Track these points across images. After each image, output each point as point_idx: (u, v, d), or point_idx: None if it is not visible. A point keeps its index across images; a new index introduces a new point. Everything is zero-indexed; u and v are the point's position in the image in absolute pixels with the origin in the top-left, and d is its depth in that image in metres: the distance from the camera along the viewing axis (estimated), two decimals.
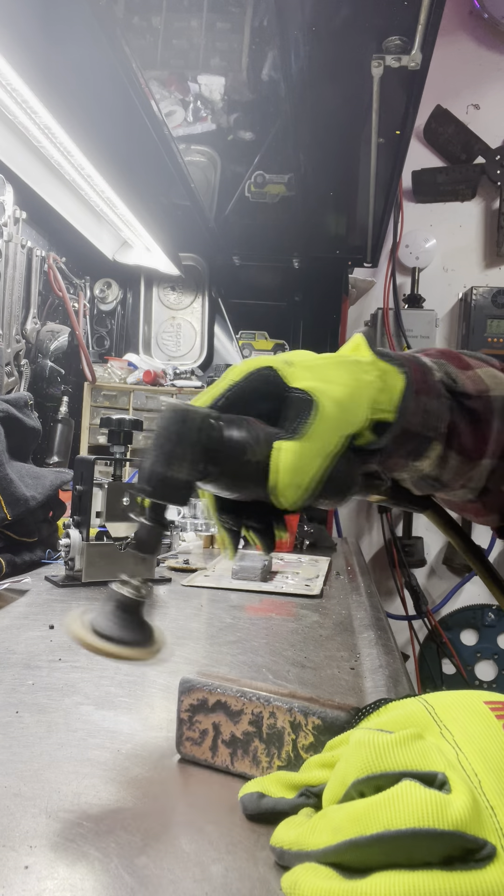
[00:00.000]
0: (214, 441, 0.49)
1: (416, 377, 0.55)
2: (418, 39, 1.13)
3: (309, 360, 0.52)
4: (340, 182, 1.82)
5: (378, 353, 0.55)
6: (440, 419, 0.56)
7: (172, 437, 0.49)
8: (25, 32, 1.09)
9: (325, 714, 0.46)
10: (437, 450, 0.57)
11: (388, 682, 0.74)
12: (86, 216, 1.97)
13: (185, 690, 0.51)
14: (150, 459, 0.49)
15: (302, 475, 0.49)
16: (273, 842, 0.39)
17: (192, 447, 0.48)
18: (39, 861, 0.38)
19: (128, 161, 1.63)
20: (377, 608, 1.15)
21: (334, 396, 0.50)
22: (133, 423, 1.25)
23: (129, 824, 0.43)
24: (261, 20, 1.16)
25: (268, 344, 2.43)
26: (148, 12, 1.16)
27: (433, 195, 2.72)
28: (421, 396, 0.55)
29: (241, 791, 0.45)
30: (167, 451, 0.48)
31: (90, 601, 1.04)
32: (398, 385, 0.54)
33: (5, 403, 1.33)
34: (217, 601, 1.12)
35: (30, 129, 1.42)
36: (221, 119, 1.49)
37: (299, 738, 0.46)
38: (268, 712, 0.48)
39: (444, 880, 0.31)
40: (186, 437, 0.49)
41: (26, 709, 0.61)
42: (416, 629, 2.68)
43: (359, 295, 2.71)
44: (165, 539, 1.50)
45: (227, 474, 0.50)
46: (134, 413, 2.12)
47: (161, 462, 0.48)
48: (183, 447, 0.48)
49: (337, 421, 0.50)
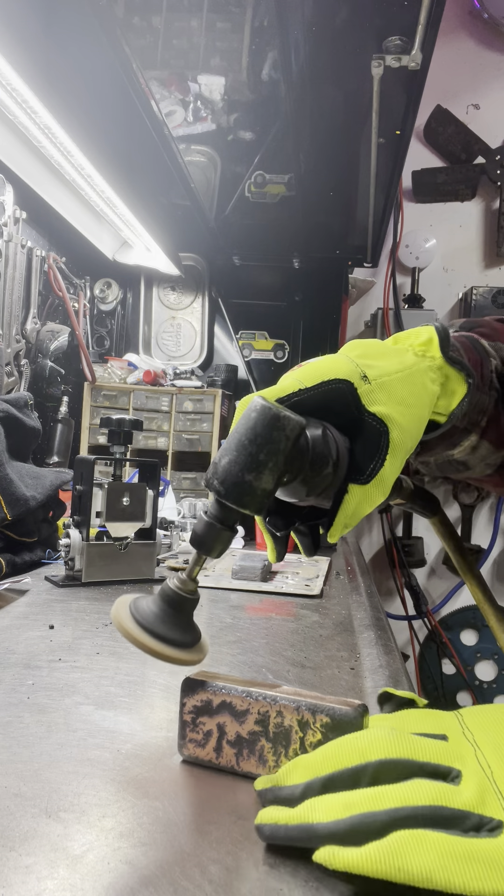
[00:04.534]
0: (301, 451, 0.47)
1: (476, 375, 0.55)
2: (418, 39, 1.13)
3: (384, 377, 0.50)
4: (340, 182, 1.82)
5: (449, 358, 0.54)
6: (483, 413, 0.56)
7: (260, 440, 0.45)
8: (26, 32, 1.09)
9: (333, 711, 0.46)
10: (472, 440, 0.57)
11: (389, 682, 0.74)
12: (86, 216, 1.97)
13: (187, 692, 0.51)
14: (230, 458, 0.45)
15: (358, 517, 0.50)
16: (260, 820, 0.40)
17: (280, 456, 0.45)
18: (39, 861, 0.38)
19: (128, 161, 1.63)
20: (377, 608, 1.15)
21: (403, 424, 0.49)
22: (133, 423, 1.25)
23: (129, 824, 0.42)
24: (261, 20, 1.16)
25: (268, 344, 2.43)
26: (148, 12, 1.16)
27: (433, 195, 2.72)
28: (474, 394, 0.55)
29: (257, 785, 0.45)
30: (251, 455, 0.45)
31: (90, 601, 1.04)
32: (460, 392, 0.54)
33: (5, 403, 1.33)
34: (217, 601, 1.12)
35: (30, 129, 1.42)
36: (221, 119, 1.49)
37: (307, 736, 0.46)
38: (275, 711, 0.47)
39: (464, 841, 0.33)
40: (277, 445, 0.45)
41: (26, 709, 0.61)
42: (416, 629, 2.68)
43: (359, 295, 2.71)
44: (166, 539, 1.50)
45: (301, 483, 0.48)
46: (134, 413, 2.12)
47: (243, 466, 0.45)
48: (270, 454, 0.45)
49: (403, 453, 0.50)
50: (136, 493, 1.19)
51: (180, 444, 2.15)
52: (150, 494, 1.22)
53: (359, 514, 0.50)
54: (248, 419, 0.46)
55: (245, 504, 0.45)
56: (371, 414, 0.49)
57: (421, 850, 0.33)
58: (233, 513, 0.47)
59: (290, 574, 1.36)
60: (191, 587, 0.49)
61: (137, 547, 1.20)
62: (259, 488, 0.45)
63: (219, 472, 0.46)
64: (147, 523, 1.22)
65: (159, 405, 2.16)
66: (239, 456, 0.45)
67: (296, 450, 0.46)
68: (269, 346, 2.43)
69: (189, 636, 0.50)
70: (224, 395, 2.18)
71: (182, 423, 2.15)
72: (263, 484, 0.45)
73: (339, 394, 0.49)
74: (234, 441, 0.45)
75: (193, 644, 0.50)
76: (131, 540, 1.19)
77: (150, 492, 1.22)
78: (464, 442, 0.57)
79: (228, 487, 0.45)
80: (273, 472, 0.45)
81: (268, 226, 2.09)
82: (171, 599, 0.49)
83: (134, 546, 1.20)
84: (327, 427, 0.49)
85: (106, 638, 0.85)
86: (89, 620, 0.93)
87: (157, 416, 2.16)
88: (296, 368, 0.52)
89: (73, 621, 0.92)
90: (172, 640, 0.48)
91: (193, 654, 0.49)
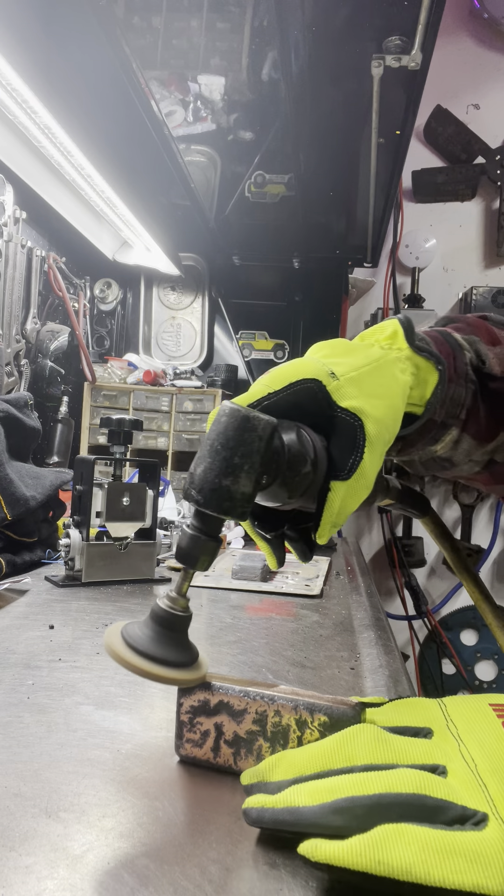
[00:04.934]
0: (276, 451, 0.46)
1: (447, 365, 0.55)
2: (418, 39, 1.13)
3: (352, 372, 0.50)
4: (340, 182, 1.82)
5: (415, 347, 0.54)
6: (461, 406, 0.56)
7: (232, 443, 0.44)
8: (26, 32, 1.09)
9: (331, 710, 0.46)
10: (452, 434, 0.57)
11: (388, 682, 0.74)
12: (86, 216, 1.97)
13: (184, 692, 0.51)
14: (204, 466, 0.44)
15: (345, 515, 0.49)
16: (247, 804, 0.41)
17: (255, 457, 0.44)
18: (39, 861, 0.38)
19: (128, 161, 1.63)
20: (377, 608, 1.15)
21: (377, 416, 0.49)
22: (133, 423, 1.25)
23: (129, 824, 0.43)
24: (261, 20, 1.16)
25: (268, 344, 2.43)
26: (148, 12, 1.16)
27: (433, 195, 2.72)
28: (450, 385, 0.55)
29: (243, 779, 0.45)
30: (226, 460, 0.44)
31: (90, 601, 1.04)
32: (432, 381, 0.53)
33: (5, 403, 1.33)
34: (217, 601, 1.12)
35: (30, 129, 1.42)
36: (221, 119, 1.49)
37: (305, 736, 0.46)
38: (272, 711, 0.47)
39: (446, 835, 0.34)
40: (251, 446, 0.44)
41: (26, 709, 0.61)
42: (416, 629, 2.68)
43: (359, 295, 2.71)
44: (166, 540, 1.50)
45: (281, 485, 0.47)
46: (134, 413, 2.12)
47: (219, 471, 0.44)
48: (244, 457, 0.44)
49: (381, 445, 0.49)
50: (136, 493, 1.19)
51: (180, 444, 2.15)
52: (150, 494, 1.22)
53: (345, 512, 0.49)
54: (219, 424, 0.45)
55: (226, 510, 0.45)
56: (343, 409, 0.49)
57: (402, 843, 0.33)
58: (215, 521, 0.46)
59: (290, 574, 1.36)
60: (182, 604, 0.48)
61: (137, 547, 1.20)
62: (238, 492, 0.44)
63: (195, 481, 0.45)
64: (147, 523, 1.22)
65: (159, 405, 2.16)
66: (213, 462, 0.44)
67: (270, 450, 0.45)
68: (269, 346, 2.43)
69: (185, 655, 0.48)
70: (224, 395, 2.18)
71: (182, 423, 2.15)
72: (242, 487, 0.44)
73: (308, 393, 0.49)
74: (207, 448, 0.45)
75: (191, 663, 0.49)
76: (131, 540, 1.19)
77: (150, 492, 1.22)
78: (444, 437, 0.57)
79: (206, 495, 0.44)
80: (250, 474, 0.44)
81: (268, 226, 2.09)
82: (163, 619, 0.48)
83: (134, 546, 1.20)
84: (301, 427, 0.49)
85: None
86: (89, 620, 0.93)
87: (157, 416, 2.16)
88: (264, 375, 0.52)
89: (73, 621, 0.92)
90: (168, 660, 0.47)
91: (191, 674, 0.48)
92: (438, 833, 0.34)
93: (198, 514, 0.46)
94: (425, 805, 0.35)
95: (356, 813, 0.36)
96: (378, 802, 0.36)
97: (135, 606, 1.03)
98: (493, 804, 0.36)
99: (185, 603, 0.49)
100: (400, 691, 0.72)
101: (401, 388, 0.52)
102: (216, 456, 0.44)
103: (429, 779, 0.37)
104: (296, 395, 0.49)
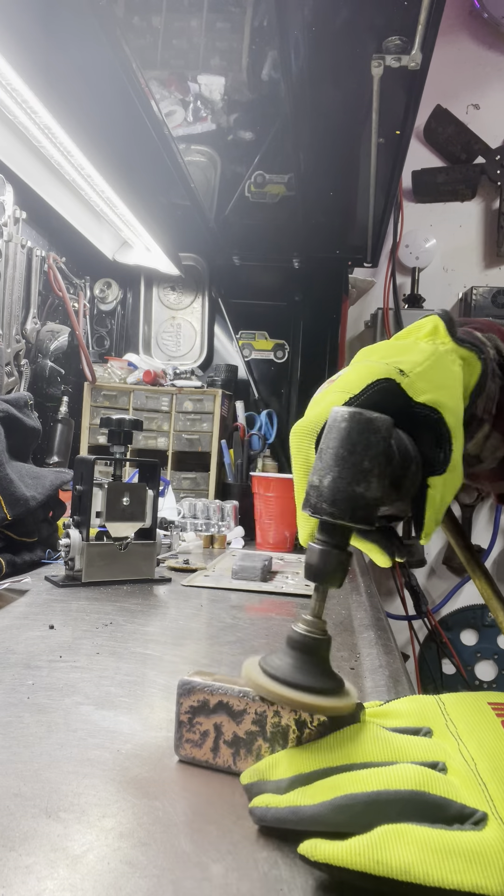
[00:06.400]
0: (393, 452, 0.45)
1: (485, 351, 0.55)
2: (418, 39, 1.13)
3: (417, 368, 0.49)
4: (340, 182, 1.82)
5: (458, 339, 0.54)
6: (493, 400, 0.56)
7: (360, 448, 0.43)
8: (25, 32, 1.09)
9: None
10: (484, 430, 0.57)
11: (389, 682, 0.74)
12: (86, 216, 1.97)
13: (184, 692, 0.51)
14: (333, 475, 0.43)
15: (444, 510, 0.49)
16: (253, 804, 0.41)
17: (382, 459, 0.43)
18: (39, 861, 0.38)
19: (128, 161, 1.63)
20: (377, 608, 1.15)
21: (451, 406, 0.49)
22: (133, 423, 1.25)
23: (129, 824, 0.43)
24: (261, 20, 1.16)
25: (268, 344, 2.43)
26: (148, 12, 1.16)
27: (433, 195, 2.72)
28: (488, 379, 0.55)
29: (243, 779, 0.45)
30: (356, 466, 0.42)
31: (90, 601, 1.04)
32: (476, 372, 0.53)
33: (5, 403, 1.33)
34: (217, 601, 1.12)
35: (30, 129, 1.42)
36: (221, 119, 1.49)
37: (304, 736, 0.46)
38: (272, 711, 0.47)
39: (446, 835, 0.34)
40: (377, 448, 0.43)
41: (26, 709, 0.61)
42: (416, 629, 2.68)
43: (359, 295, 2.71)
44: (166, 540, 1.50)
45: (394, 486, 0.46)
46: (134, 413, 2.12)
47: (350, 479, 0.42)
48: (373, 460, 0.43)
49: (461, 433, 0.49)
50: (136, 493, 1.19)
51: (180, 444, 2.15)
52: (150, 494, 1.22)
53: (444, 506, 0.49)
54: (340, 430, 0.43)
55: (359, 518, 0.43)
56: (421, 404, 0.48)
57: (401, 843, 0.33)
58: (346, 532, 0.45)
59: (290, 574, 1.36)
60: (320, 627, 0.46)
61: (137, 547, 1.20)
62: (371, 498, 0.43)
63: (324, 493, 0.43)
64: (147, 523, 1.22)
65: (159, 405, 2.16)
66: (343, 470, 0.43)
67: (391, 450, 0.44)
68: (269, 346, 2.43)
69: (331, 681, 0.45)
70: (224, 395, 2.18)
71: (182, 423, 2.15)
72: (374, 492, 0.43)
73: (386, 393, 0.48)
74: (331, 456, 0.43)
75: (339, 689, 0.45)
76: (131, 540, 1.19)
77: (150, 492, 1.22)
78: (478, 433, 0.57)
79: (342, 505, 0.42)
80: (380, 478, 0.43)
81: (268, 226, 2.09)
82: (303, 645, 0.45)
83: (134, 546, 1.20)
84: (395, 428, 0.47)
85: (106, 638, 0.85)
86: (89, 620, 0.93)
87: (157, 416, 2.15)
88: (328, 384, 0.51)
89: (73, 621, 0.92)
90: (315, 688, 0.44)
91: (342, 701, 0.45)
92: (438, 833, 0.34)
93: (326, 527, 0.44)
94: (425, 802, 0.36)
95: (356, 810, 0.36)
96: (377, 799, 0.36)
97: (135, 607, 1.03)
98: (493, 804, 0.36)
99: (323, 625, 0.46)
100: (400, 691, 0.72)
101: (458, 378, 0.52)
102: (344, 463, 0.43)
103: (429, 775, 0.37)
104: (374, 397, 0.48)
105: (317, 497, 0.43)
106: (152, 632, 0.89)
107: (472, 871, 0.32)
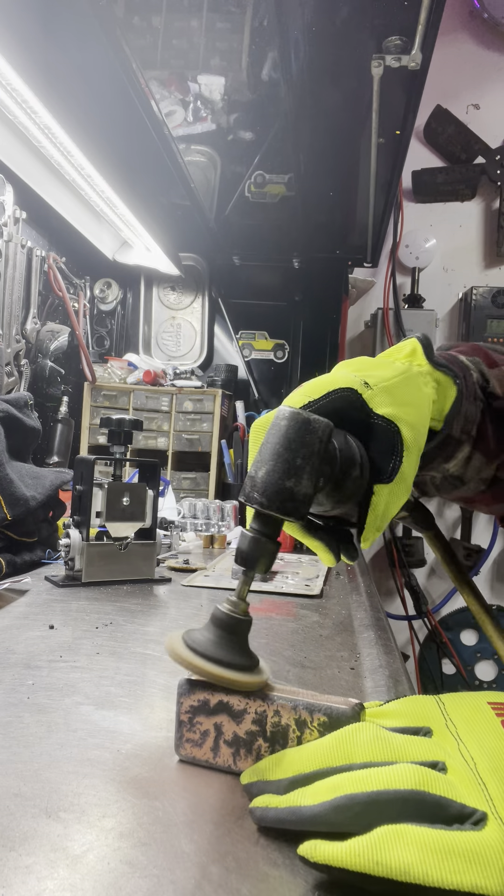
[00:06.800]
0: (332, 454, 0.47)
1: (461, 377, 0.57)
2: (418, 39, 1.13)
3: (384, 381, 0.52)
4: (340, 182, 1.82)
5: (434, 363, 0.56)
6: (473, 422, 0.57)
7: (294, 445, 0.45)
8: (25, 32, 1.09)
9: (330, 710, 0.46)
10: (465, 451, 0.58)
11: (388, 682, 0.74)
12: (86, 216, 1.97)
13: (184, 692, 0.51)
14: (267, 468, 0.46)
15: (387, 518, 0.51)
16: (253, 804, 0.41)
17: (315, 458, 0.46)
18: (39, 861, 0.38)
19: (128, 161, 1.63)
20: (377, 608, 1.15)
21: (411, 422, 0.51)
22: (133, 423, 1.25)
23: (129, 824, 0.43)
24: (261, 20, 1.16)
25: (268, 344, 2.43)
26: (148, 12, 1.16)
27: (433, 195, 2.72)
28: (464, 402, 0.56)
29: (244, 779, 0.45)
30: (288, 461, 0.45)
31: (90, 601, 1.04)
32: (451, 396, 0.56)
33: (5, 403, 1.33)
34: (217, 601, 1.12)
35: (30, 129, 1.42)
36: (221, 119, 1.50)
37: (304, 735, 0.46)
38: (272, 711, 0.47)
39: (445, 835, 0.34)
40: (311, 448, 0.46)
41: (26, 709, 0.61)
42: (416, 629, 2.68)
43: (359, 295, 2.71)
44: (166, 539, 1.50)
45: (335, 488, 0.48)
46: (134, 413, 2.12)
47: (282, 473, 0.45)
48: (306, 458, 0.45)
49: (416, 450, 0.51)
50: (136, 493, 1.19)
51: (180, 444, 2.15)
52: (150, 494, 1.22)
53: (388, 515, 0.51)
54: (279, 427, 0.46)
55: (289, 511, 0.45)
56: (379, 416, 0.50)
57: (400, 844, 0.33)
58: (276, 523, 0.47)
59: (290, 574, 1.36)
60: (243, 608, 0.49)
61: (137, 547, 1.20)
62: (300, 493, 0.45)
63: (258, 484, 0.46)
64: (147, 523, 1.22)
65: (159, 405, 2.16)
66: (276, 464, 0.45)
67: (328, 453, 0.47)
68: (269, 346, 2.43)
69: (248, 659, 0.49)
70: (224, 395, 2.18)
71: (182, 423, 2.15)
72: (304, 489, 0.45)
73: (346, 401, 0.51)
74: (269, 451, 0.46)
75: (254, 667, 0.49)
76: (131, 540, 1.19)
77: (150, 492, 1.22)
78: (458, 454, 0.58)
79: (271, 497, 0.45)
80: (311, 475, 0.46)
81: (268, 226, 2.09)
82: (225, 623, 0.49)
83: (134, 546, 1.20)
84: (342, 431, 0.50)
85: (106, 638, 0.85)
86: (89, 620, 0.93)
87: (157, 416, 2.16)
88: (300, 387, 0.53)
89: (73, 621, 0.92)
90: (232, 663, 0.47)
91: (255, 677, 0.48)
92: (437, 833, 0.34)
93: (259, 517, 0.47)
94: (424, 801, 0.36)
95: (356, 810, 0.36)
96: (377, 799, 0.36)
97: (135, 606, 1.03)
98: (493, 804, 0.36)
99: (245, 607, 0.49)
100: (400, 691, 0.72)
101: (426, 400, 0.54)
102: (279, 458, 0.45)
103: (428, 774, 0.37)
104: (333, 404, 0.51)
105: (251, 487, 0.46)
106: (152, 632, 0.89)
107: (472, 872, 0.32)
